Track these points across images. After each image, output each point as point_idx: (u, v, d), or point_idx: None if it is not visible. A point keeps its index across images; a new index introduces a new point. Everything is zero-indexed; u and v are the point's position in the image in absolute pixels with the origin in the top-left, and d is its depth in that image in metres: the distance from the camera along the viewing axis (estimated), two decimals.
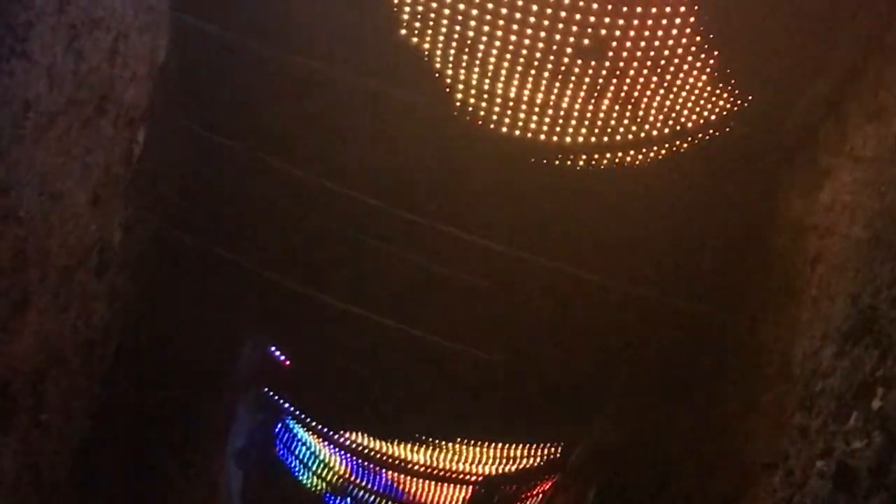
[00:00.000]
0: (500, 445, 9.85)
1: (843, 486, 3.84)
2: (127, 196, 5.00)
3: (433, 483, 10.31)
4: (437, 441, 9.92)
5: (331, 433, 10.39)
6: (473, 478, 10.12)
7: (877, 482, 3.57)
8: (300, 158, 6.18)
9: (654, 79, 4.99)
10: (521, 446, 9.89)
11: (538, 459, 9.98)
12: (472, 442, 9.87)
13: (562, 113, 5.26)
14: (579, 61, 4.92)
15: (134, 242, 5.23)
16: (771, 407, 4.89)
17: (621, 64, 4.92)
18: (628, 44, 4.83)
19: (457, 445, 9.97)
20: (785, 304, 5.05)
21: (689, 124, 5.26)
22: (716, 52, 4.92)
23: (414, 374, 8.41)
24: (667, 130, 5.25)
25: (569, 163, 5.58)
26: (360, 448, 10.28)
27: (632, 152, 5.51)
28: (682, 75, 4.99)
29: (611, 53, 4.87)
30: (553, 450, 9.84)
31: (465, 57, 5.12)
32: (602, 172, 5.68)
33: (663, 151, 5.49)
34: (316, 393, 10.15)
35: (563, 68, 4.94)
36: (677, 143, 5.43)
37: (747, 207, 5.90)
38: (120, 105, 4.68)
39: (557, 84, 5.07)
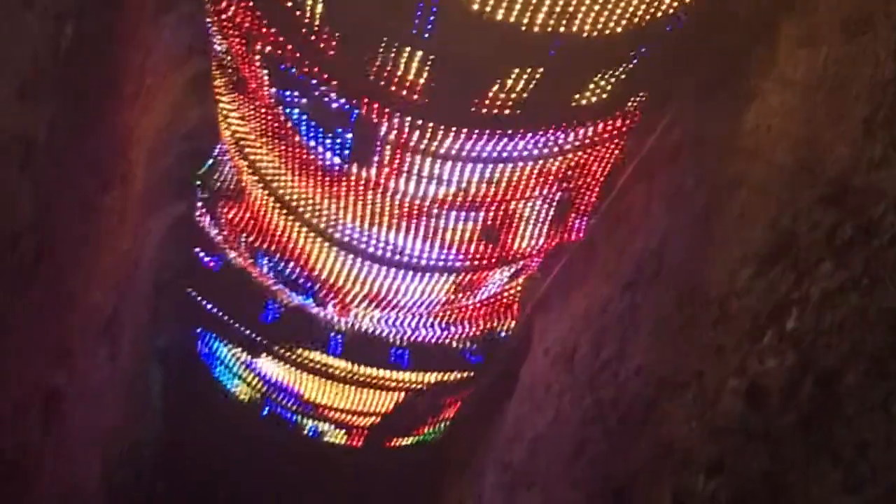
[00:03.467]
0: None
1: (755, 404, 3.94)
2: (54, 92, 4.92)
3: (357, 388, 10.37)
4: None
5: (253, 337, 10.39)
6: (393, 384, 10.19)
7: (787, 401, 3.67)
8: None
9: None
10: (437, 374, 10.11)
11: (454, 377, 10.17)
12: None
13: None
14: None
15: (59, 139, 5.15)
16: (687, 325, 4.97)
17: None
18: None
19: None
20: (705, 226, 5.12)
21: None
22: None
23: None
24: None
25: None
26: (283, 353, 10.30)
27: None
28: None
29: None
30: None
31: None
32: None
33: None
34: (237, 297, 10.15)
35: None
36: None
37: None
38: None
39: None
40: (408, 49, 5.28)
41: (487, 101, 5.55)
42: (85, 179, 6.12)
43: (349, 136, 6.18)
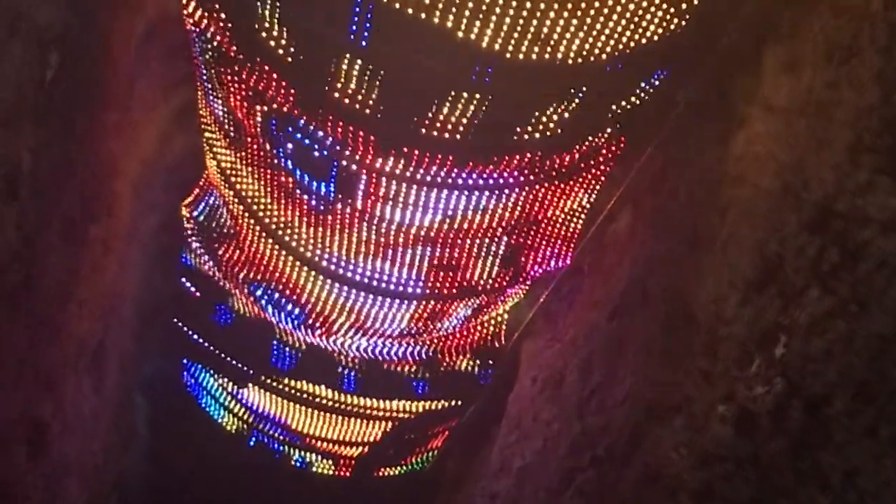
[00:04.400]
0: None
1: (744, 430, 3.92)
2: (37, 120, 4.91)
3: (344, 418, 10.34)
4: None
5: (238, 367, 10.36)
6: (381, 413, 10.17)
7: (776, 427, 3.66)
8: None
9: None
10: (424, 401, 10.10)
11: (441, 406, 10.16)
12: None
13: None
14: None
15: (43, 168, 5.14)
16: (675, 352, 4.96)
17: None
18: None
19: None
20: (692, 252, 5.12)
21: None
22: None
23: None
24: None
25: None
26: (269, 382, 10.27)
27: None
28: None
29: None
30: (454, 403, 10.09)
31: None
32: None
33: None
34: (224, 328, 10.13)
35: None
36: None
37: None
38: (32, 26, 4.59)
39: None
40: (347, 56, 5.29)
41: (437, 123, 5.55)
42: (70, 209, 6.11)
43: (333, 165, 6.19)
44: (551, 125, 5.66)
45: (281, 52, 5.45)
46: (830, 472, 3.29)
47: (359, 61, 5.30)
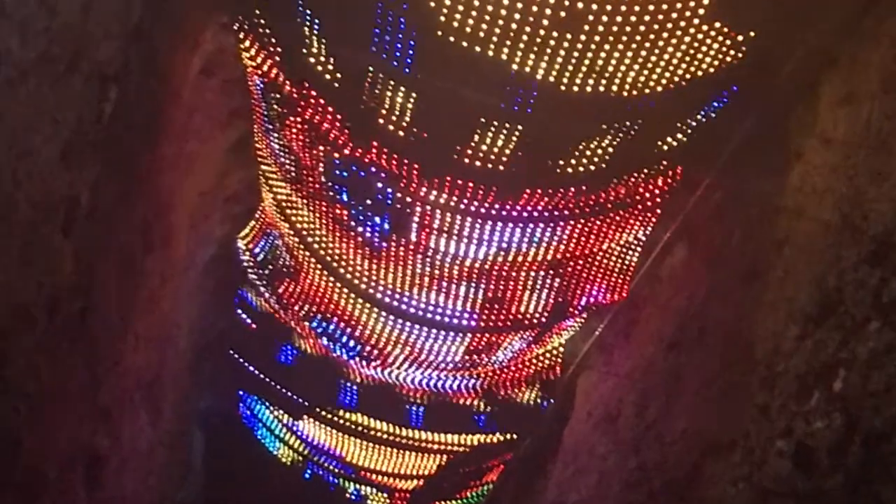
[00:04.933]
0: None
1: (802, 465, 3.87)
2: (96, 154, 4.97)
3: (399, 451, 10.33)
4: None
5: (294, 399, 10.39)
6: (436, 446, 10.15)
7: (835, 463, 3.61)
8: None
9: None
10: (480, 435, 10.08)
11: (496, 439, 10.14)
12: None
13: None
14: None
15: (101, 201, 5.20)
16: (732, 386, 4.92)
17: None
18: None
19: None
20: (749, 285, 5.08)
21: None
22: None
23: None
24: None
25: None
26: (324, 415, 10.28)
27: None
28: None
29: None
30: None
31: None
32: None
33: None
34: (280, 360, 10.18)
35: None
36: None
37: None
38: (92, 62, 4.64)
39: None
40: (391, 83, 5.30)
41: (490, 155, 5.54)
42: (127, 241, 6.17)
43: (387, 198, 6.20)
44: (606, 157, 5.64)
45: (332, 83, 5.48)
46: None
47: (402, 89, 5.32)
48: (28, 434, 4.77)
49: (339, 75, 5.46)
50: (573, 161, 5.62)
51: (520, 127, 5.35)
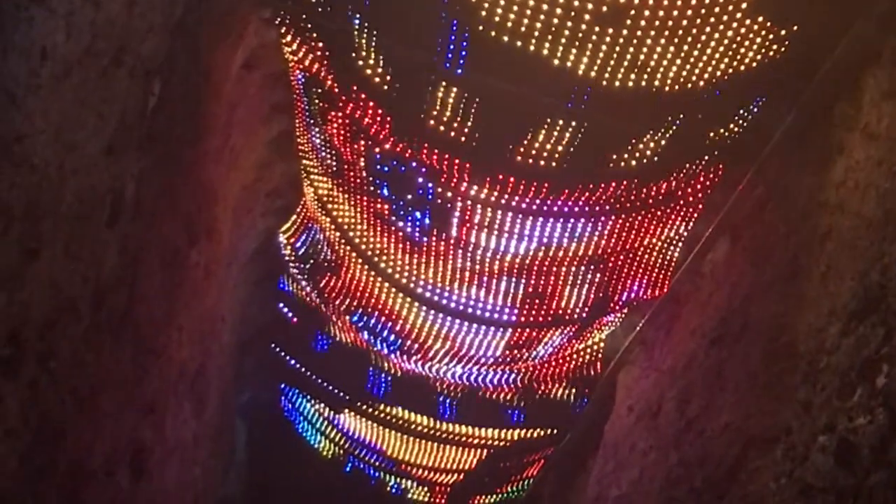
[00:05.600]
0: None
1: (844, 461, 3.85)
2: (140, 147, 5.00)
3: (440, 445, 10.35)
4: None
5: (335, 392, 10.43)
6: (476, 440, 10.16)
7: (878, 459, 3.59)
8: None
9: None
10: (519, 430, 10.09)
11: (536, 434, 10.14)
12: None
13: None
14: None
15: (145, 195, 5.23)
16: (775, 381, 4.89)
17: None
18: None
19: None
20: (791, 280, 5.05)
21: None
22: None
23: None
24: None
25: None
26: (365, 409, 10.32)
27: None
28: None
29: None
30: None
31: None
32: None
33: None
34: (322, 354, 10.23)
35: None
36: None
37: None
38: (136, 56, 4.68)
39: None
40: (443, 84, 5.31)
41: (532, 150, 5.55)
42: (171, 235, 6.20)
43: (429, 193, 6.22)
44: (648, 152, 5.63)
45: (377, 80, 5.51)
46: None
47: (454, 89, 5.33)
48: (73, 426, 4.81)
49: (387, 76, 5.48)
50: (626, 156, 5.62)
51: (573, 124, 5.36)
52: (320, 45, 5.78)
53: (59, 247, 4.19)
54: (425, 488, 11.62)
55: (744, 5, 4.74)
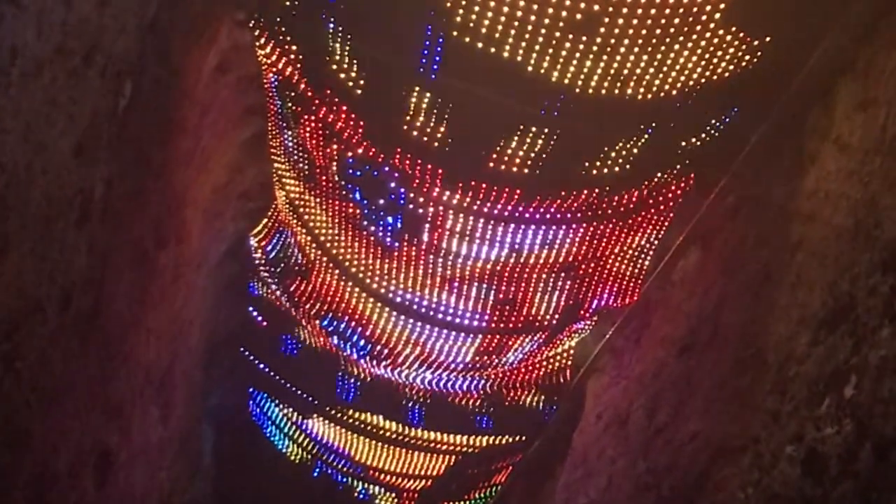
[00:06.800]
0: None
1: (812, 472, 3.86)
2: (110, 148, 4.97)
3: (408, 451, 10.35)
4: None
5: (304, 397, 10.41)
6: (445, 446, 10.16)
7: (845, 469, 3.59)
8: None
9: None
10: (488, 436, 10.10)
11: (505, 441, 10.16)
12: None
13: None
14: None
15: (115, 196, 5.20)
16: (744, 390, 4.90)
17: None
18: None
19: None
20: (762, 289, 5.06)
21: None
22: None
23: None
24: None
25: None
26: (334, 413, 10.30)
27: None
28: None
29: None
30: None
31: None
32: None
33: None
34: (290, 358, 10.20)
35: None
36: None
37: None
38: (108, 57, 4.65)
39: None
40: (416, 89, 5.31)
41: (504, 157, 5.55)
42: (140, 237, 6.17)
43: (400, 198, 6.21)
44: (620, 161, 5.64)
45: (350, 84, 5.50)
46: None
47: (428, 94, 5.33)
48: (38, 427, 4.77)
49: (361, 81, 5.48)
50: (598, 164, 5.63)
51: (546, 131, 5.36)
52: (294, 48, 5.77)
53: (27, 247, 4.16)
54: (393, 494, 11.61)
55: (717, 15, 4.76)
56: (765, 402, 4.52)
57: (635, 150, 5.62)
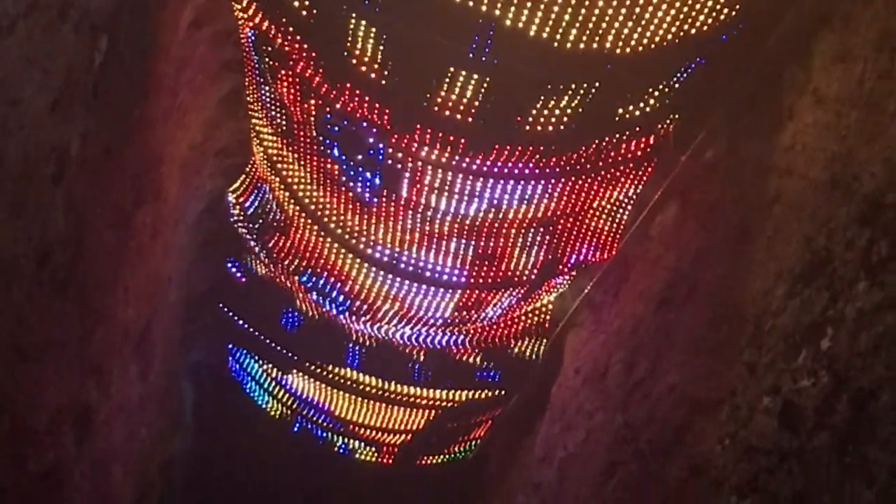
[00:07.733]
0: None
1: (788, 423, 3.89)
2: (86, 104, 4.94)
3: (387, 405, 10.37)
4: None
5: (283, 353, 10.40)
6: (424, 401, 10.18)
7: (821, 421, 3.62)
8: None
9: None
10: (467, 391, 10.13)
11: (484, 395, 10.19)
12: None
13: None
14: None
15: (91, 153, 5.17)
16: (721, 344, 4.93)
17: None
18: None
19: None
20: (740, 243, 5.08)
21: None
22: None
23: None
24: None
25: None
26: (313, 369, 10.30)
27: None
28: None
29: None
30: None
31: None
32: None
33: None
34: (269, 313, 10.19)
35: None
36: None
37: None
38: (83, 11, 4.61)
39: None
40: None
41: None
42: (118, 194, 6.14)
43: (379, 153, 6.19)
44: (573, 117, 5.62)
45: (305, 15, 5.43)
46: (876, 468, 3.25)
47: (372, 28, 5.27)
48: (16, 386, 4.77)
49: (314, 11, 5.41)
50: (541, 119, 5.58)
51: (487, 78, 5.32)
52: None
53: (3, 204, 4.14)
54: (373, 448, 11.63)
55: None
56: (742, 355, 4.55)
57: (613, 104, 5.60)
